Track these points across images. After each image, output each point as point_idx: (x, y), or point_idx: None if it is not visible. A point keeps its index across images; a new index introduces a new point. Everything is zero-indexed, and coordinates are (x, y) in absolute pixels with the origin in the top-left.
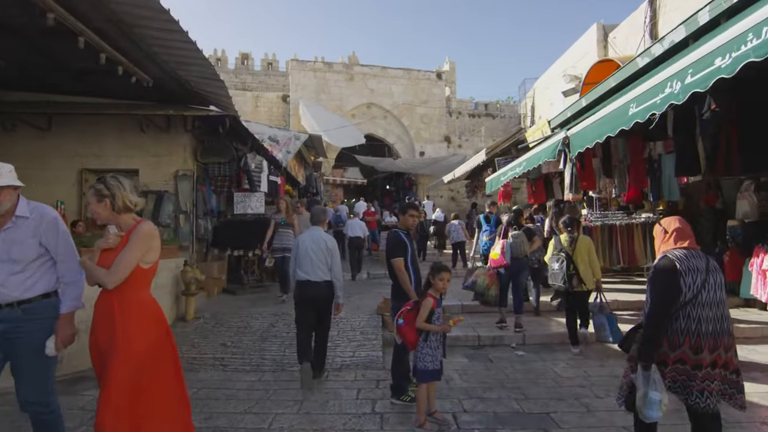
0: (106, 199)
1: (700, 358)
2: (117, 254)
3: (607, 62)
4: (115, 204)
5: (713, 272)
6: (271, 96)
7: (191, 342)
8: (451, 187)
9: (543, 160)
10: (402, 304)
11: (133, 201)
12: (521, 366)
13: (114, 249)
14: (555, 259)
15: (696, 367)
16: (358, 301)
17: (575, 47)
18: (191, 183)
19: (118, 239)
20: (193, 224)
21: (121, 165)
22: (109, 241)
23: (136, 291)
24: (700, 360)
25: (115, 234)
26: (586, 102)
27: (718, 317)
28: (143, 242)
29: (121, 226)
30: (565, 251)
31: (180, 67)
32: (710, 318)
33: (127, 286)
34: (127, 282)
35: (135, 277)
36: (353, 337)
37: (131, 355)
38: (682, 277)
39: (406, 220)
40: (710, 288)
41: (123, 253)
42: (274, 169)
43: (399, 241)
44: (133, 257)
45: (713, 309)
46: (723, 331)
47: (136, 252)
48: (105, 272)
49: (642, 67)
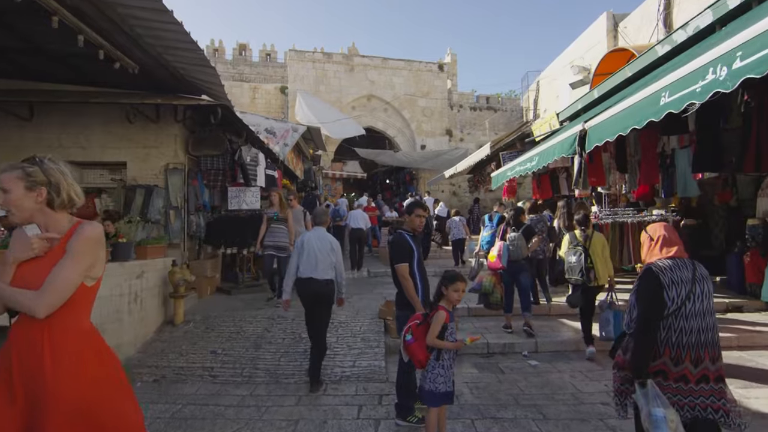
0: (40, 188)
1: (681, 369)
2: (46, 267)
3: (620, 52)
4: (55, 196)
5: (700, 281)
6: (269, 87)
7: (179, 349)
8: (452, 181)
9: (559, 156)
10: (407, 314)
11: (79, 195)
12: (536, 378)
13: (40, 260)
14: (572, 252)
15: (680, 380)
16: (358, 303)
17: (583, 38)
18: (182, 177)
19: (44, 245)
20: (185, 220)
21: (108, 157)
22: (33, 248)
23: (75, 319)
24: (682, 372)
25: (39, 238)
26: (598, 93)
27: (703, 328)
28: (89, 251)
29: (50, 227)
30: (582, 245)
31: (167, 52)
32: (694, 329)
33: (63, 313)
34: (65, 307)
35: (76, 300)
36: (353, 344)
37: (67, 413)
38: (666, 290)
39: (413, 220)
40: (696, 298)
41: (60, 267)
42: (271, 162)
43: (404, 244)
44: (75, 272)
45: (698, 319)
46: (708, 342)
47: (79, 264)
48: (32, 295)
49: (662, 55)
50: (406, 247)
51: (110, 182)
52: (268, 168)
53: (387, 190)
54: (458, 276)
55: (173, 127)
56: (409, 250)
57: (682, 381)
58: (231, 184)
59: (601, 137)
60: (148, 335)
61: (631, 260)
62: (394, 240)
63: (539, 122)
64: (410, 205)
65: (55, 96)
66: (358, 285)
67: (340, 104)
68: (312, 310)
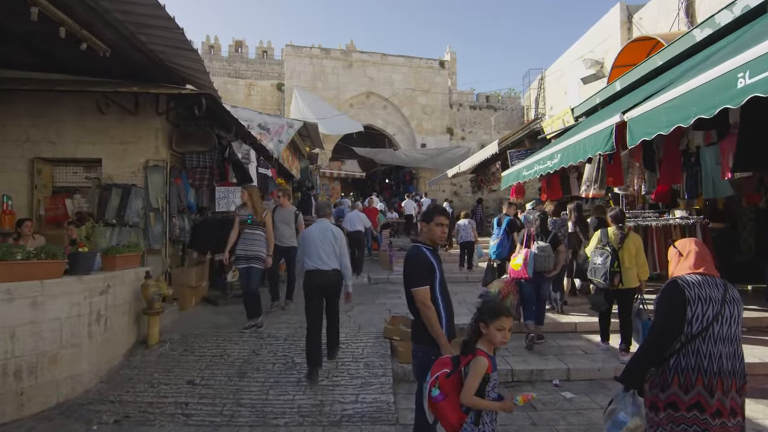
0: None
1: (715, 401)
2: None
3: (642, 42)
4: None
5: (730, 304)
6: (265, 84)
7: (150, 378)
8: (453, 181)
9: (594, 153)
10: (428, 352)
11: None
12: (576, 417)
13: None
14: (599, 253)
15: (716, 415)
16: (359, 317)
17: (594, 31)
18: (164, 175)
19: None
20: (167, 223)
21: (81, 153)
22: None
23: None
24: (715, 405)
25: None
26: (621, 85)
27: (731, 354)
28: None
29: None
30: (612, 246)
31: (140, 31)
32: (724, 355)
33: None
34: None
35: None
36: (355, 371)
37: None
38: (690, 305)
39: (433, 230)
40: (724, 321)
41: None
42: (264, 160)
43: (422, 261)
44: None
45: (727, 345)
46: (737, 371)
47: None
48: None
49: (701, 40)
50: (426, 264)
51: (85, 181)
52: (261, 166)
53: (386, 190)
54: (502, 309)
55: (154, 121)
56: (430, 268)
57: (718, 416)
58: (219, 183)
59: (649, 131)
60: (115, 360)
61: (655, 267)
62: (410, 257)
63: (550, 119)
64: (429, 212)
65: (19, 84)
66: (358, 293)
67: (338, 101)
68: (319, 302)
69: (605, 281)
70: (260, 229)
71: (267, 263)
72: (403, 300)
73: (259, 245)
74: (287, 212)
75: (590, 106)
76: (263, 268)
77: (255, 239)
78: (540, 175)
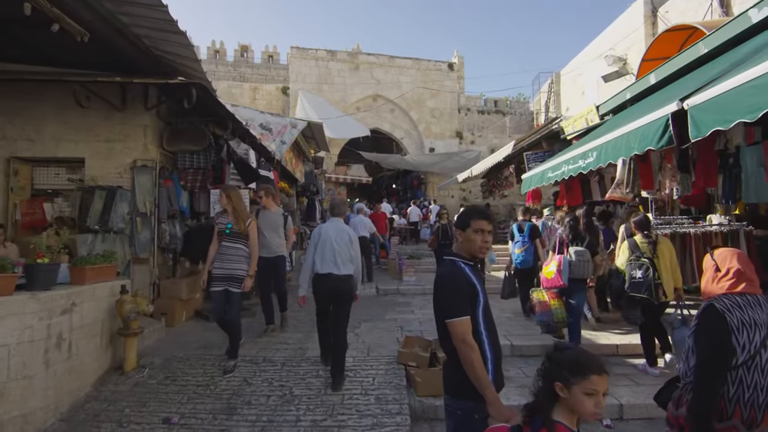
0: None
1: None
2: None
3: (677, 32)
4: None
5: None
6: (270, 88)
7: (120, 416)
8: (462, 186)
9: (642, 150)
10: (468, 408)
11: None
12: None
13: None
14: (637, 266)
15: None
16: (368, 336)
17: (616, 26)
18: (153, 176)
19: None
20: (155, 229)
21: (62, 152)
22: None
23: None
24: None
25: None
26: (656, 78)
27: None
28: None
29: None
30: (647, 256)
31: (120, 10)
32: None
33: None
34: None
35: None
36: (365, 407)
37: None
38: (735, 334)
39: (471, 240)
40: None
41: None
42: (266, 162)
43: (460, 281)
44: None
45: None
46: None
47: None
48: None
49: (757, 22)
50: (466, 286)
51: (68, 183)
52: (262, 168)
53: (393, 196)
54: (593, 363)
55: (143, 117)
56: (471, 291)
57: None
58: (215, 186)
59: (726, 117)
60: (82, 390)
61: (695, 278)
62: (444, 276)
63: (571, 118)
64: (466, 215)
65: None
66: (366, 307)
67: (345, 104)
68: (329, 307)
69: (649, 295)
70: (242, 242)
71: (245, 286)
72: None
73: (239, 262)
74: (273, 216)
75: (618, 103)
76: (241, 291)
77: (234, 254)
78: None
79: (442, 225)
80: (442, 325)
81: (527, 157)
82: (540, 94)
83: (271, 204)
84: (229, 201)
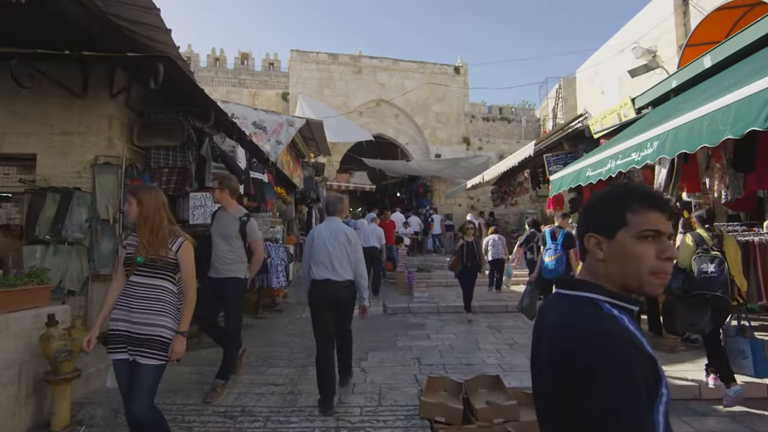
0: None
1: None
2: None
3: (730, 9)
4: None
5: None
6: (270, 93)
7: None
8: (470, 194)
9: (740, 133)
10: None
11: None
12: None
13: None
14: (708, 259)
15: None
16: (377, 372)
17: (641, 17)
18: (118, 176)
19: None
20: (120, 240)
21: (9, 147)
22: None
23: None
24: None
25: None
26: (712, 61)
27: None
28: None
29: None
30: (718, 249)
31: None
32: None
33: None
34: None
35: None
36: None
37: None
38: None
39: (638, 256)
40: None
41: None
42: (258, 163)
43: (633, 356)
44: None
45: None
46: None
47: None
48: None
49: None
50: (642, 365)
51: (19, 185)
52: (255, 170)
53: (398, 204)
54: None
55: (107, 106)
56: (648, 376)
57: None
58: (195, 189)
59: None
60: None
61: (761, 295)
62: (597, 351)
63: (600, 114)
64: (614, 202)
65: None
66: (373, 330)
67: (347, 109)
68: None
69: (725, 294)
70: (163, 276)
71: (173, 354)
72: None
73: (159, 312)
74: (227, 219)
75: (661, 92)
76: (166, 362)
77: (150, 297)
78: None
79: (467, 243)
80: (568, 418)
81: (548, 159)
82: (547, 100)
83: (227, 199)
84: (140, 206)
